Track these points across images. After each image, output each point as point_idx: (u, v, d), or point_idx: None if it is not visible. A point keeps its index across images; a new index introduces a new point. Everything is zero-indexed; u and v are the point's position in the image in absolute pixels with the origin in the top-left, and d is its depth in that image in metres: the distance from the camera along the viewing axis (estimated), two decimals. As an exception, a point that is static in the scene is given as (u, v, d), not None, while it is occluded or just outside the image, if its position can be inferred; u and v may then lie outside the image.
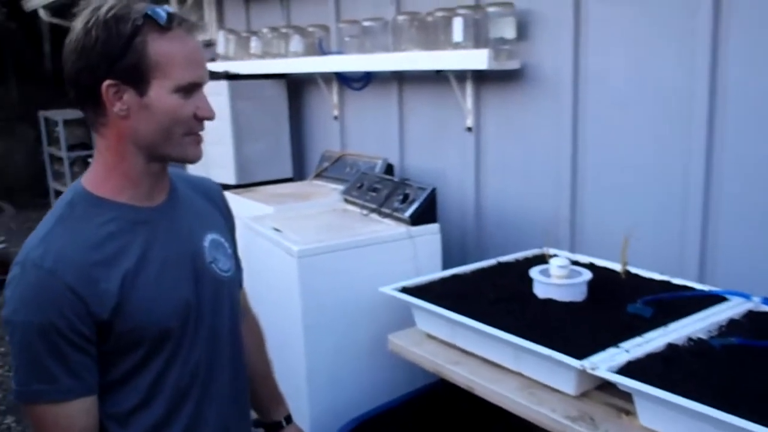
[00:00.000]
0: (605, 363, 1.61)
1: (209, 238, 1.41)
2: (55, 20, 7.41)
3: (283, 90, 4.13)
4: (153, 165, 1.30)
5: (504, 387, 1.81)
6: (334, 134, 3.98)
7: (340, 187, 3.28)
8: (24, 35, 9.36)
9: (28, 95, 9.40)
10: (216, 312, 1.39)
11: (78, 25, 1.21)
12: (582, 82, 2.61)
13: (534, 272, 2.16)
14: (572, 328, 1.88)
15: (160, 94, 1.23)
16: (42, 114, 8.11)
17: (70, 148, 7.67)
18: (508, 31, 2.77)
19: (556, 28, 2.66)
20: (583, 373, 1.61)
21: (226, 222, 1.53)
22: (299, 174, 4.31)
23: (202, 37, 1.56)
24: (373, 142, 3.70)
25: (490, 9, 2.79)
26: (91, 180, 1.30)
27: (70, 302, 1.17)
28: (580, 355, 1.63)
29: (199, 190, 1.49)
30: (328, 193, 3.22)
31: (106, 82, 1.20)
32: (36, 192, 9.09)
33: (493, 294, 2.15)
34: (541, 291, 2.12)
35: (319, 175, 3.59)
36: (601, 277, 2.18)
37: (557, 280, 2.10)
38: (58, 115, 7.62)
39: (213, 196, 1.53)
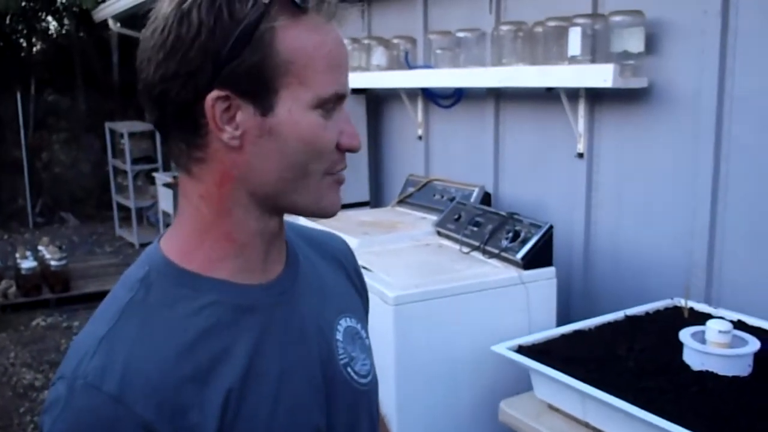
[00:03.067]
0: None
1: (343, 326, 0.96)
2: (125, 31, 7.31)
3: (363, 106, 3.83)
4: (270, 221, 0.87)
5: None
6: (417, 156, 3.64)
7: (428, 216, 2.93)
8: (93, 46, 9.34)
9: (95, 106, 9.38)
10: None
11: (165, 8, 0.78)
12: (727, 105, 2.21)
13: (686, 336, 1.77)
14: (744, 417, 1.50)
15: (294, 111, 0.80)
16: (108, 125, 8.02)
17: (135, 161, 7.53)
18: (635, 43, 2.39)
19: (696, 40, 2.27)
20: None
21: (362, 299, 1.08)
22: (377, 198, 3.98)
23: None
24: (462, 166, 3.35)
25: (615, 18, 2.42)
26: (176, 245, 0.86)
27: None
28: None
29: (323, 251, 1.04)
30: (416, 223, 2.87)
31: (213, 95, 0.77)
32: (101, 204, 9.02)
33: (633, 362, 1.78)
34: (695, 361, 1.73)
35: (402, 201, 3.25)
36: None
37: (718, 349, 1.71)
38: (124, 127, 7.51)
39: (343, 260, 1.07)
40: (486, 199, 2.92)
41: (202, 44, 0.76)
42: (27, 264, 5.67)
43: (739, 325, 1.91)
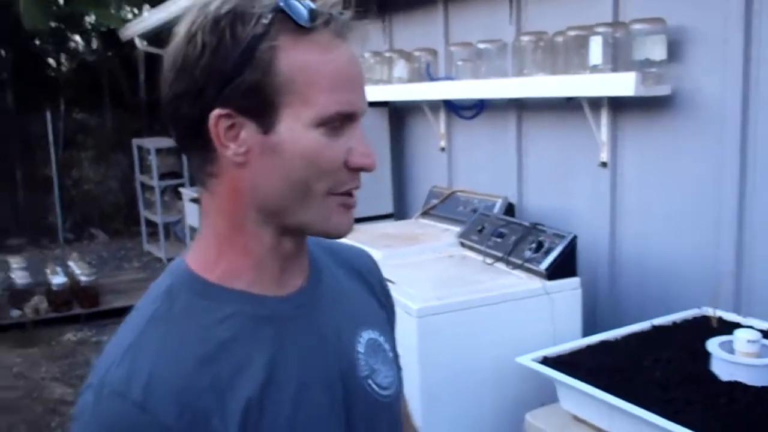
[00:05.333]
0: None
1: (365, 338, 0.97)
2: (151, 49, 7.42)
3: (385, 118, 3.84)
4: (285, 242, 0.88)
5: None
6: (440, 167, 3.64)
7: (452, 227, 2.93)
8: (120, 64, 9.49)
9: (122, 123, 9.53)
10: None
11: (180, 30, 0.82)
12: (753, 112, 2.18)
13: (713, 346, 1.75)
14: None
15: (295, 129, 0.81)
16: (135, 142, 8.13)
17: (162, 176, 7.62)
18: (657, 51, 2.37)
19: (719, 46, 2.25)
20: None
21: (386, 313, 1.08)
22: (400, 210, 3.99)
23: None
24: (485, 177, 3.34)
25: (636, 26, 2.40)
26: (199, 257, 0.89)
27: None
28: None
29: (347, 266, 1.04)
30: (440, 235, 2.87)
31: (215, 112, 0.80)
32: (129, 220, 9.14)
33: (660, 372, 1.75)
34: (723, 371, 1.70)
35: (426, 213, 3.25)
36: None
37: (746, 359, 1.68)
38: (151, 143, 7.60)
39: (367, 274, 1.07)
40: (509, 209, 2.90)
41: (205, 64, 0.79)
42: (57, 280, 5.76)
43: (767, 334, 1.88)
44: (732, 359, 1.68)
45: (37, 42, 9.18)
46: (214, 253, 0.88)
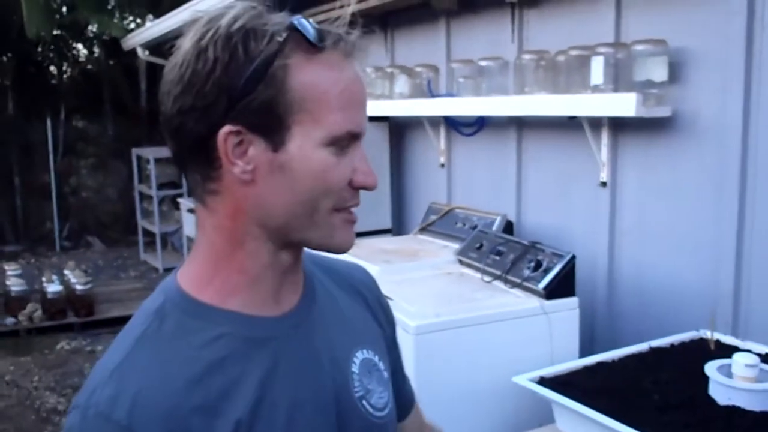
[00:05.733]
0: None
1: (359, 358, 0.96)
2: (152, 58, 7.44)
3: (386, 134, 3.84)
4: (283, 256, 0.87)
5: None
6: (439, 184, 3.64)
7: (450, 244, 2.92)
8: (121, 73, 9.51)
9: (123, 132, 9.54)
10: None
11: (186, 44, 0.80)
12: (753, 134, 2.18)
13: (711, 370, 1.73)
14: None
15: (305, 147, 0.81)
16: (135, 151, 8.13)
17: (160, 186, 7.61)
18: (658, 72, 2.37)
19: (720, 68, 2.25)
20: None
21: (383, 330, 1.06)
22: (399, 225, 3.98)
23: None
24: (485, 194, 3.34)
25: (637, 47, 2.41)
26: (191, 276, 0.88)
27: None
28: None
29: (343, 282, 1.03)
30: (438, 251, 2.86)
31: (225, 129, 0.79)
32: (127, 229, 9.13)
33: (658, 395, 1.74)
34: (721, 395, 1.69)
35: (424, 229, 3.24)
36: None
37: (744, 384, 1.67)
38: (150, 152, 7.60)
39: (363, 291, 1.06)
40: (508, 227, 2.90)
41: (216, 79, 0.78)
42: (53, 288, 5.74)
43: (766, 358, 1.87)
44: (730, 383, 1.67)
45: (39, 49, 9.19)
46: (209, 271, 0.87)
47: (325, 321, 0.94)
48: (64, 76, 10.07)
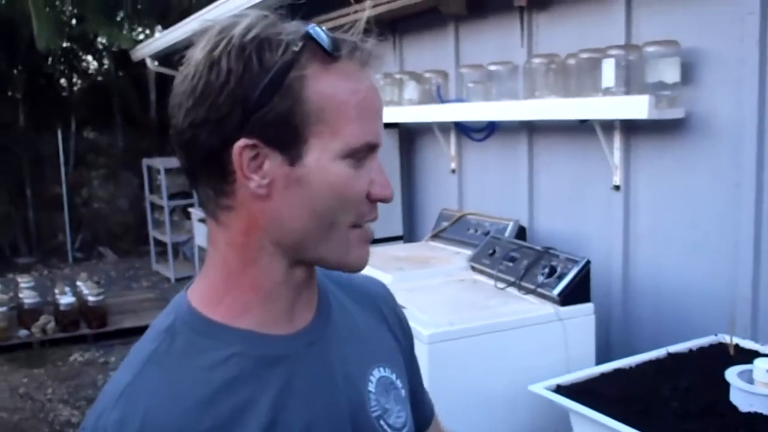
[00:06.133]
0: None
1: (376, 376, 0.92)
2: (162, 69, 7.46)
3: (396, 140, 3.83)
4: (297, 272, 0.84)
5: None
6: (450, 190, 3.62)
7: (462, 251, 2.89)
8: (131, 84, 9.54)
9: (133, 143, 9.55)
10: None
11: (197, 54, 0.77)
12: (769, 134, 2.15)
13: (732, 376, 1.70)
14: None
15: (323, 160, 0.78)
16: (145, 162, 8.15)
17: (171, 196, 7.62)
18: (671, 73, 2.35)
19: (734, 69, 2.22)
20: None
21: (400, 344, 1.02)
22: (410, 232, 3.96)
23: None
24: (496, 199, 3.31)
25: (649, 49, 2.38)
26: (202, 294, 0.85)
27: None
28: None
29: (358, 297, 0.99)
30: (450, 258, 2.84)
31: (240, 143, 0.76)
32: (138, 239, 9.14)
33: (678, 402, 1.71)
34: (742, 402, 1.66)
35: (436, 236, 3.22)
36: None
37: (767, 390, 1.63)
38: (161, 163, 7.62)
39: (380, 305, 1.02)
40: (521, 233, 2.87)
41: (230, 91, 0.75)
42: (66, 300, 5.74)
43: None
44: (752, 389, 1.64)
45: (50, 62, 9.24)
46: (221, 289, 0.84)
47: (341, 338, 0.91)
48: (75, 88, 10.11)
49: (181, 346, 0.80)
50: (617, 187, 2.65)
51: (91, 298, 5.81)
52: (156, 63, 7.44)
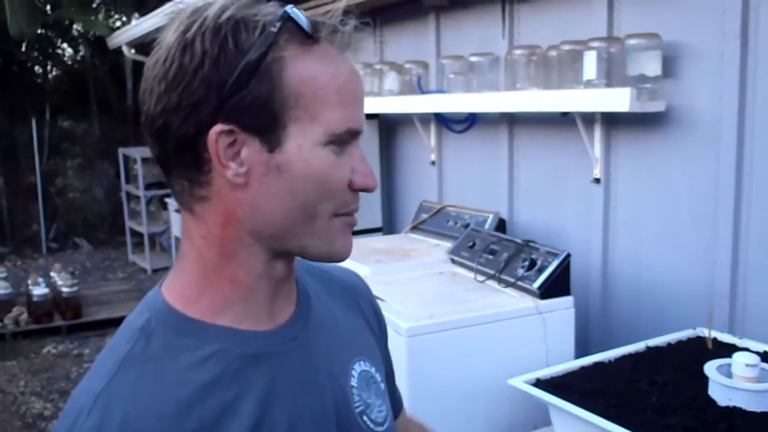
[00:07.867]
0: None
1: (357, 370, 0.90)
2: (139, 57, 7.35)
3: (375, 131, 3.80)
4: (277, 265, 0.81)
5: None
6: (430, 181, 3.59)
7: (441, 243, 2.87)
8: (107, 72, 9.42)
9: (109, 132, 9.44)
10: None
11: (169, 37, 0.74)
12: (749, 128, 2.15)
13: (711, 370, 1.70)
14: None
15: (303, 147, 0.74)
16: (122, 151, 8.05)
17: (148, 186, 7.53)
18: (652, 66, 2.34)
19: (715, 63, 2.22)
20: None
21: (377, 338, 1.00)
22: (389, 225, 3.93)
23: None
24: (476, 191, 3.30)
25: (631, 41, 2.37)
26: (179, 290, 0.80)
27: None
28: None
29: (336, 290, 0.97)
30: (430, 250, 2.82)
31: (216, 129, 0.72)
32: (114, 230, 9.04)
33: (657, 397, 1.71)
34: (721, 396, 1.66)
35: (415, 228, 3.20)
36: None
37: (745, 384, 1.63)
38: (137, 152, 7.52)
39: (358, 298, 1.00)
40: (501, 225, 2.85)
41: (205, 75, 0.72)
42: (39, 291, 5.65)
43: (765, 357, 1.84)
44: (731, 384, 1.64)
45: (24, 49, 9.08)
46: (198, 285, 0.80)
47: (321, 332, 0.88)
48: (50, 75, 9.96)
49: (158, 346, 0.76)
50: (597, 180, 2.64)
51: (65, 289, 5.73)
52: (133, 51, 7.32)
